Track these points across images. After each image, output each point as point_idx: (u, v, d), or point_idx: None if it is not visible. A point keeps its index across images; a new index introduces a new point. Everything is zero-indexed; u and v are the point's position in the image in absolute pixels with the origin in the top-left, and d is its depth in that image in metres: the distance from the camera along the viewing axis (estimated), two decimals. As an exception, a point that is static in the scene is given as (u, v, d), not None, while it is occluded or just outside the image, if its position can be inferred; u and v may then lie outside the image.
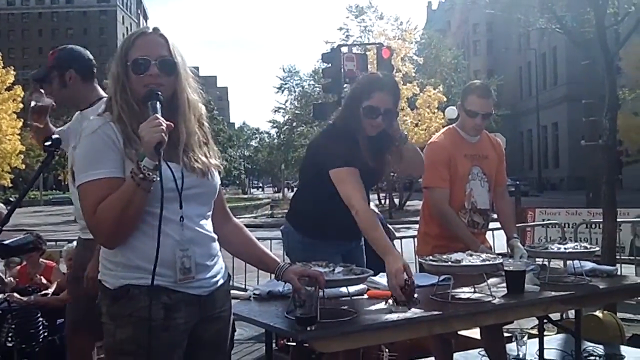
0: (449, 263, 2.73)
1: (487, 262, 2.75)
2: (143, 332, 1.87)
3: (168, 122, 1.85)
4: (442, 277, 2.84)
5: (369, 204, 3.48)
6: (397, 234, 7.87)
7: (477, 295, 2.81)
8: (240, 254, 2.32)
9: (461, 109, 3.67)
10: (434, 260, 2.79)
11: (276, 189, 70.02)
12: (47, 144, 2.67)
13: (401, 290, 2.44)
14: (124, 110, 1.94)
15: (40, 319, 4.57)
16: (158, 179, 1.81)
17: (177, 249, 1.92)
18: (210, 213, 2.09)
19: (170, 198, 1.89)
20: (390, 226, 5.39)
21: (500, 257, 2.89)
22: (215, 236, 2.09)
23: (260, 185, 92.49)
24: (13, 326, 4.46)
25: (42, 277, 5.23)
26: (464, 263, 2.72)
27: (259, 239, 2.37)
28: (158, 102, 1.91)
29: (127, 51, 1.98)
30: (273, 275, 2.33)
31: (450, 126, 3.83)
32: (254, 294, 2.84)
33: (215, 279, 2.05)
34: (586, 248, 3.19)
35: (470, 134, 3.67)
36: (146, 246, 1.89)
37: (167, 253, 1.90)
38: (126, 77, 1.97)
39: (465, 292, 2.82)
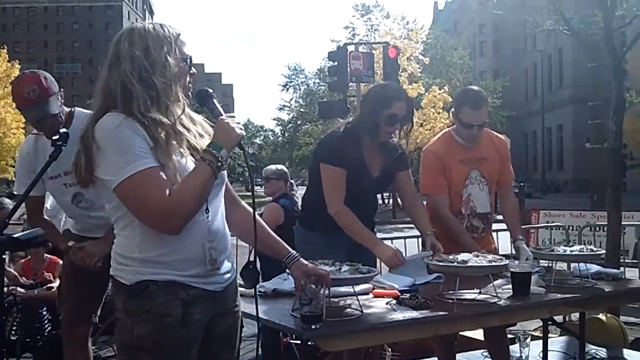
0: (455, 264, 2.73)
1: (493, 264, 2.75)
2: (161, 329, 1.87)
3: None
4: (434, 276, 2.87)
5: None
6: (401, 234, 7.84)
7: (482, 296, 2.81)
8: (248, 240, 2.29)
9: (455, 117, 3.65)
10: (440, 261, 2.79)
11: (279, 186, 69.92)
12: (54, 138, 2.67)
13: None
14: (147, 109, 1.89)
15: (45, 312, 4.58)
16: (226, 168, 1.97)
17: (205, 241, 1.94)
18: (223, 204, 2.11)
19: None
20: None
21: (505, 259, 2.90)
22: (229, 231, 2.10)
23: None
24: (18, 319, 4.48)
25: (46, 272, 5.24)
26: (470, 264, 2.72)
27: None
28: (215, 99, 2.02)
29: (181, 48, 2.00)
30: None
31: (447, 130, 3.81)
32: (259, 291, 2.84)
33: (228, 275, 2.06)
34: (592, 251, 3.19)
35: (467, 142, 3.65)
36: (171, 240, 1.89)
37: (194, 247, 1.91)
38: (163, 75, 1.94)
39: (470, 293, 2.82)
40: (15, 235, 2.29)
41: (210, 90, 2.04)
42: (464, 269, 2.71)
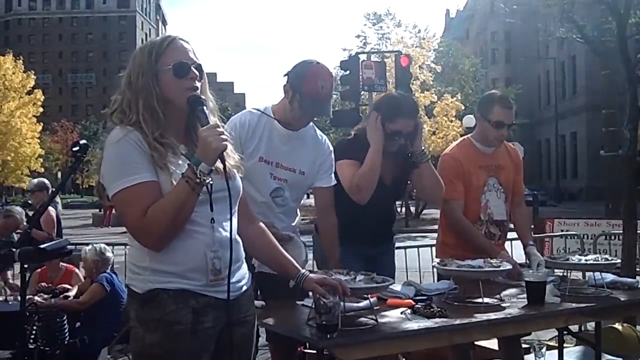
0: (454, 267, 2.83)
1: (496, 269, 2.82)
2: (171, 337, 1.90)
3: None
4: (447, 287, 2.94)
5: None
6: (414, 243, 7.83)
7: (497, 305, 2.81)
8: (261, 257, 2.36)
9: (483, 120, 3.65)
10: (442, 265, 2.90)
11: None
12: (75, 149, 2.71)
13: None
14: (145, 120, 1.96)
15: (64, 321, 4.62)
16: (212, 182, 1.87)
17: (208, 251, 1.94)
18: (236, 216, 2.10)
19: (201, 200, 1.91)
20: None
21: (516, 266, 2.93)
22: (240, 240, 2.12)
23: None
24: (35, 328, 4.51)
25: (62, 281, 5.29)
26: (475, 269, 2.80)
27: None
28: (205, 107, 1.96)
29: (159, 57, 1.99)
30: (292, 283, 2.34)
31: (465, 137, 3.83)
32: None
33: (240, 284, 2.08)
34: (607, 260, 3.18)
35: (494, 145, 3.66)
36: (175, 250, 1.92)
37: (197, 257, 1.93)
38: (156, 83, 1.98)
39: (484, 302, 2.83)
40: (43, 246, 2.32)
41: (202, 98, 1.98)
42: (470, 274, 2.77)
